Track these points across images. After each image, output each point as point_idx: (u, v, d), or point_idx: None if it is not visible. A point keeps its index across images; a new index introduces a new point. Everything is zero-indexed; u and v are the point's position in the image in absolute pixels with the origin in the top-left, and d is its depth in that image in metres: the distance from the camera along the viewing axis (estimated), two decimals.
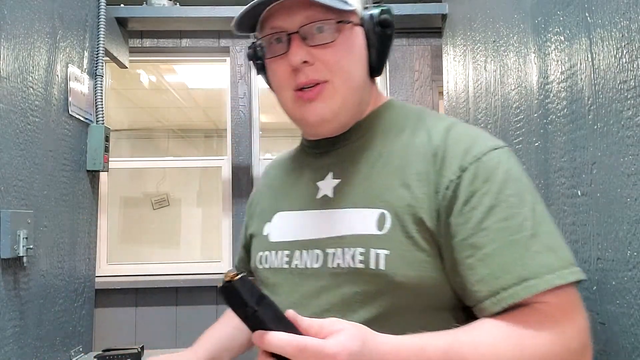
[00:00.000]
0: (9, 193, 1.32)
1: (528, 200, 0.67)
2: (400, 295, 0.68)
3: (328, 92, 0.73)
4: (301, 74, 0.73)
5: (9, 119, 1.33)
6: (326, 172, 0.81)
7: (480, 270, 0.64)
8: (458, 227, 0.67)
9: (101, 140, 1.87)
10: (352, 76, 0.75)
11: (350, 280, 0.70)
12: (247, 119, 2.73)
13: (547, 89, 1.11)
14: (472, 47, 1.67)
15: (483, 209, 0.66)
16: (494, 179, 0.67)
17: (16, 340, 1.35)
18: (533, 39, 1.18)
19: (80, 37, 1.79)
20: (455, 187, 0.68)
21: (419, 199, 0.69)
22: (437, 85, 2.76)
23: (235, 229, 2.67)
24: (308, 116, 0.75)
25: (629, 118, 0.78)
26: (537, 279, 0.62)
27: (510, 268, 0.63)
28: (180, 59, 2.85)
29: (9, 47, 1.33)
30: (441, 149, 0.71)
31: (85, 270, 1.86)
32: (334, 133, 0.80)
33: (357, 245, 0.70)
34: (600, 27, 0.87)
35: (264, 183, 0.98)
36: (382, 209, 0.71)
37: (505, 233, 0.65)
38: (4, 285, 1.30)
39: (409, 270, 0.67)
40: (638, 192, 0.76)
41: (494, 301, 0.63)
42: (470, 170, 0.68)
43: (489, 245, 0.64)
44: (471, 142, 0.71)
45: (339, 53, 0.73)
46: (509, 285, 0.62)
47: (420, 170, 0.71)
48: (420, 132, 0.76)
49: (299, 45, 0.72)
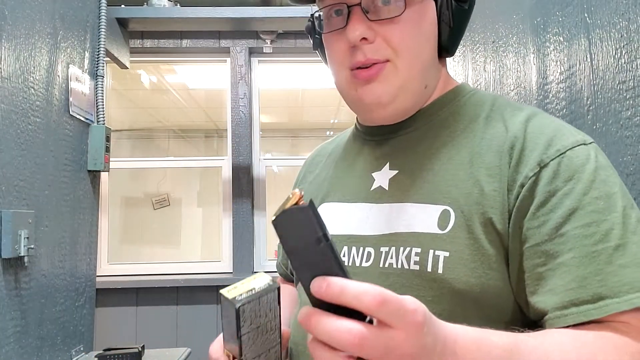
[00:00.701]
0: (10, 193, 1.33)
1: (619, 205, 0.56)
2: (458, 304, 0.59)
3: (389, 72, 0.65)
4: (359, 53, 0.65)
5: (10, 119, 1.34)
6: (383, 163, 0.71)
7: (551, 281, 0.55)
8: (531, 232, 0.57)
9: (102, 141, 1.88)
10: (418, 57, 0.66)
11: (403, 284, 0.62)
12: (247, 119, 2.74)
13: (546, 90, 1.11)
14: (472, 47, 1.67)
15: (563, 212, 0.56)
16: (579, 178, 0.57)
17: (17, 340, 1.36)
18: (532, 39, 1.18)
19: (81, 37, 1.80)
20: (531, 185, 0.58)
21: (489, 197, 0.60)
22: None
23: (236, 229, 2.68)
24: (364, 97, 0.67)
25: (628, 118, 0.78)
26: (616, 298, 0.52)
27: (586, 282, 0.54)
28: (181, 59, 2.86)
29: (10, 47, 1.34)
30: (519, 142, 0.62)
31: (86, 270, 1.87)
32: (393, 120, 0.71)
33: (413, 245, 0.62)
34: (599, 27, 0.87)
35: (308, 170, 0.89)
36: (446, 205, 0.62)
37: (587, 241, 0.55)
38: (5, 285, 1.30)
39: (470, 277, 0.59)
40: (637, 192, 0.76)
41: (559, 315, 0.54)
42: (551, 166, 0.58)
43: (565, 254, 0.55)
44: (554, 135, 0.61)
45: (405, 30, 0.64)
46: (581, 302, 0.53)
47: (493, 165, 0.62)
48: (496, 122, 0.66)
49: (360, 20, 0.64)
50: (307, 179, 0.87)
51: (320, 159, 0.87)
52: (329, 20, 0.68)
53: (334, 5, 0.66)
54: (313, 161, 0.89)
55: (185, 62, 2.91)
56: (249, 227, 2.70)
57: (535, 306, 0.57)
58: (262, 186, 2.81)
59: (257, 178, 2.80)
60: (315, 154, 0.91)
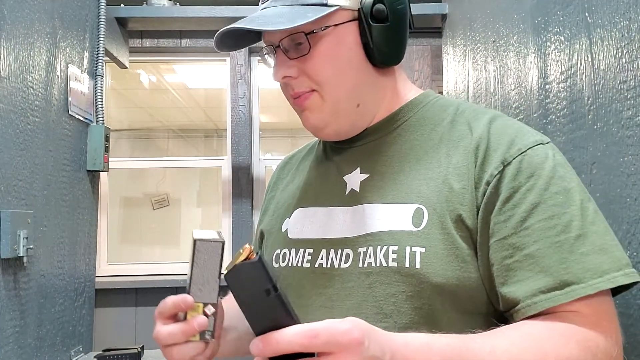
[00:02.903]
0: (9, 193, 1.32)
1: (577, 199, 0.61)
2: (437, 298, 0.62)
3: (315, 102, 0.71)
4: (288, 87, 0.72)
5: (9, 119, 1.33)
6: (354, 167, 0.75)
7: (520, 272, 0.59)
8: (498, 226, 0.62)
9: (101, 140, 1.87)
10: (340, 83, 0.70)
11: (383, 281, 0.65)
12: (247, 119, 2.73)
13: (547, 89, 1.11)
14: (472, 47, 1.67)
15: (526, 207, 0.61)
16: (539, 175, 0.62)
17: (16, 340, 1.35)
18: (533, 39, 1.18)
19: (80, 37, 1.79)
20: (496, 183, 0.63)
21: (458, 195, 0.64)
22: (437, 85, 2.75)
23: (235, 229, 2.67)
24: (304, 123, 0.74)
25: (629, 118, 0.78)
26: (582, 283, 0.57)
27: (552, 271, 0.58)
28: (180, 59, 2.85)
29: (9, 47, 1.33)
30: (484, 142, 0.66)
31: (85, 270, 1.86)
32: (339, 138, 0.76)
33: (390, 243, 0.65)
34: (600, 27, 0.87)
35: (279, 177, 0.92)
36: (419, 204, 0.66)
37: (550, 233, 0.59)
38: (4, 285, 1.30)
39: (447, 270, 0.62)
40: (638, 192, 0.76)
41: (529, 303, 0.58)
42: (513, 164, 0.63)
43: (530, 246, 0.60)
44: (516, 135, 0.65)
45: (319, 63, 0.69)
46: (548, 289, 0.58)
47: (460, 165, 0.66)
48: (460, 125, 0.70)
49: (282, 60, 0.71)
50: (279, 187, 0.90)
51: (290, 167, 0.91)
52: (269, 58, 0.75)
53: (266, 47, 0.74)
54: (284, 169, 0.93)
55: (185, 61, 2.91)
56: (249, 227, 2.69)
57: (506, 297, 0.60)
58: (262, 186, 2.81)
59: (256, 178, 2.79)
60: (286, 161, 0.94)
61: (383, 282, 0.64)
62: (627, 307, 0.78)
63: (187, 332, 0.58)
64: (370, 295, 0.65)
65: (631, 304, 0.78)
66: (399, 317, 0.63)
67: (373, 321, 0.54)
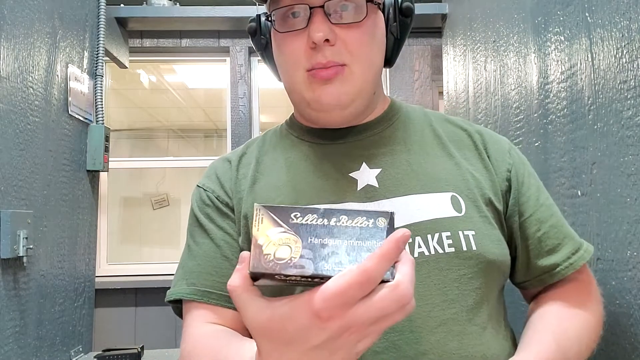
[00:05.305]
0: (8, 193, 1.32)
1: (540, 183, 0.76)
2: (490, 275, 0.66)
3: (346, 76, 0.66)
4: (319, 54, 0.64)
5: (9, 119, 1.33)
6: (358, 162, 0.71)
7: (550, 241, 0.70)
8: (524, 206, 0.71)
9: (101, 140, 1.87)
10: (372, 64, 0.68)
11: (442, 267, 0.63)
12: (247, 119, 2.73)
13: (547, 89, 1.11)
14: (472, 47, 1.67)
15: (535, 188, 0.72)
16: (525, 162, 0.75)
17: (16, 340, 1.35)
18: (533, 39, 1.18)
19: (80, 37, 1.79)
20: (515, 170, 0.72)
21: (480, 181, 0.69)
22: (437, 85, 2.75)
23: None
24: (323, 98, 0.66)
25: (629, 118, 0.78)
26: (584, 245, 0.72)
27: (571, 236, 0.72)
28: (180, 59, 2.85)
29: (9, 47, 1.33)
30: (478, 137, 0.74)
31: (85, 270, 1.86)
32: (344, 123, 0.72)
33: (440, 230, 0.64)
34: (600, 27, 0.87)
35: (257, 170, 0.75)
36: (452, 191, 0.67)
37: (554, 208, 0.73)
38: (4, 285, 1.30)
39: (494, 248, 0.66)
40: (638, 192, 0.76)
41: (567, 265, 0.69)
42: (512, 154, 0.74)
43: (550, 219, 0.71)
44: (491, 131, 0.78)
45: (364, 36, 0.66)
46: (572, 252, 0.70)
47: (469, 156, 0.72)
48: (441, 123, 0.76)
49: (323, 21, 0.63)
50: (243, 185, 0.74)
51: (247, 167, 0.76)
52: (284, 21, 0.67)
53: (292, 7, 0.65)
54: (262, 161, 0.77)
55: (185, 61, 2.91)
56: None
57: (543, 265, 0.70)
58: None
59: None
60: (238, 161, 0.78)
61: (442, 268, 0.63)
62: (627, 307, 0.78)
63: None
64: (432, 284, 0.63)
65: (631, 304, 0.78)
66: (464, 301, 0.63)
67: (440, 309, 0.60)
